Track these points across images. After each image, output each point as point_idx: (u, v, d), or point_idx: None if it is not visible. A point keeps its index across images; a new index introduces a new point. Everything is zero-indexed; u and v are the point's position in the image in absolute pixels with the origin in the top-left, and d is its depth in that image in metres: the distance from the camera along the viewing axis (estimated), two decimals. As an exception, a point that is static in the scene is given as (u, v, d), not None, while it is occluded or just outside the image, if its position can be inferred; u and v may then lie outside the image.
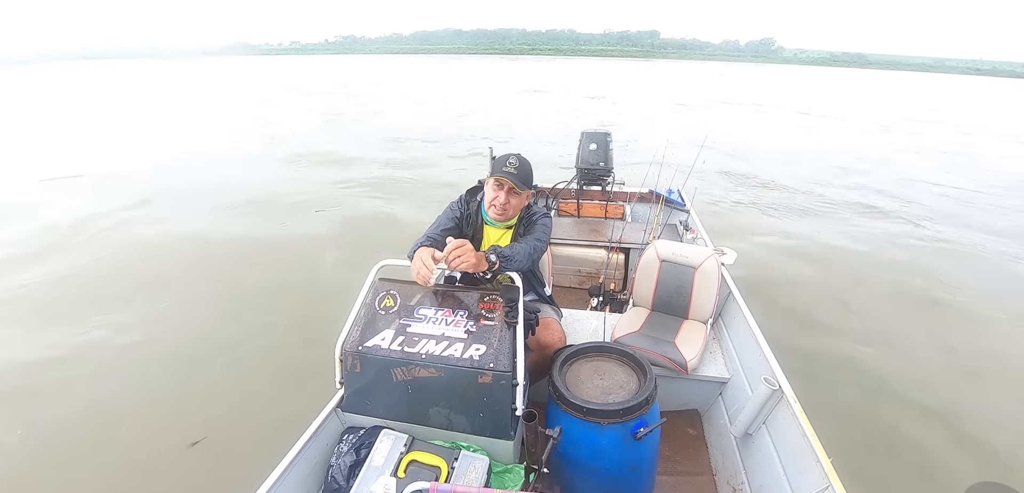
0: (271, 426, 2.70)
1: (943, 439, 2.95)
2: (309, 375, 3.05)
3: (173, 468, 2.66)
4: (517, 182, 1.94)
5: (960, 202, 7.91)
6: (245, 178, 8.52)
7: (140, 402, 3.13)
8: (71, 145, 11.97)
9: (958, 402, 3.23)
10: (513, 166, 1.94)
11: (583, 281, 3.70)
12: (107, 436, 2.86)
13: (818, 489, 1.53)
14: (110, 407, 3.08)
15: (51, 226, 6.15)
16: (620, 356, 1.91)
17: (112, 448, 2.79)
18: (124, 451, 2.77)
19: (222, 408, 3.06)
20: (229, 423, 2.94)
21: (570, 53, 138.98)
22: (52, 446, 2.82)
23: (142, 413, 3.03)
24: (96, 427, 2.93)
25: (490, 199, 2.01)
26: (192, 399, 3.14)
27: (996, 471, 2.71)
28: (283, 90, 27.65)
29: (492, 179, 2.00)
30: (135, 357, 3.58)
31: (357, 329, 1.75)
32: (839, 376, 3.47)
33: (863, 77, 64.59)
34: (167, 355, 3.60)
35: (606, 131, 4.32)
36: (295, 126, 14.60)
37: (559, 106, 19.92)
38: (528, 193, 2.04)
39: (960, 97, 35.31)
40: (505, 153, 2.02)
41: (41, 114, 18.96)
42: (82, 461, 2.71)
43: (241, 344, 3.68)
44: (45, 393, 3.24)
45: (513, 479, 1.61)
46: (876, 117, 19.68)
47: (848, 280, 5.01)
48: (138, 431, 2.89)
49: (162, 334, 3.85)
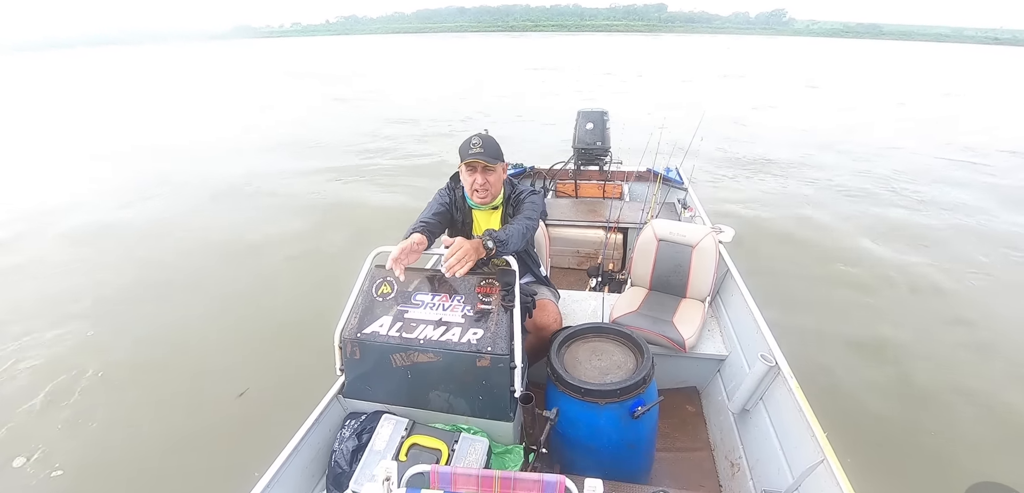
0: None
1: (944, 415, 2.98)
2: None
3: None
4: (487, 158, 1.91)
5: (971, 185, 7.59)
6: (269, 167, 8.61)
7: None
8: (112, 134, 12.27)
9: (961, 381, 3.25)
10: (478, 146, 1.92)
11: (581, 262, 3.70)
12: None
13: (813, 462, 1.56)
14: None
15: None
16: (617, 336, 1.93)
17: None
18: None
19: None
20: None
21: (574, 29, 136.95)
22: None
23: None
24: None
25: (469, 186, 2.00)
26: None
27: (993, 451, 2.74)
28: (300, 75, 27.48)
29: (463, 166, 1.98)
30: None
31: (355, 316, 1.76)
32: (835, 351, 3.50)
33: (877, 48, 62.95)
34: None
35: (603, 110, 4.28)
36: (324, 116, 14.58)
37: (557, 86, 19.72)
38: (503, 165, 2.02)
39: (977, 68, 34.16)
40: (467, 137, 1.97)
41: (65, 99, 19.29)
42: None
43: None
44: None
45: (513, 459, 1.64)
46: (887, 91, 19.25)
47: (845, 257, 5.02)
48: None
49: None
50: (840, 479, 1.41)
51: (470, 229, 2.10)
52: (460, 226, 2.11)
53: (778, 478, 1.72)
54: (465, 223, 2.10)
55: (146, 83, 25.66)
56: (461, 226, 2.11)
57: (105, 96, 20.63)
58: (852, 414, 2.91)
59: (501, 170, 2.02)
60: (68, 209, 6.66)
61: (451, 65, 30.77)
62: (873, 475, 2.48)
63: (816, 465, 1.54)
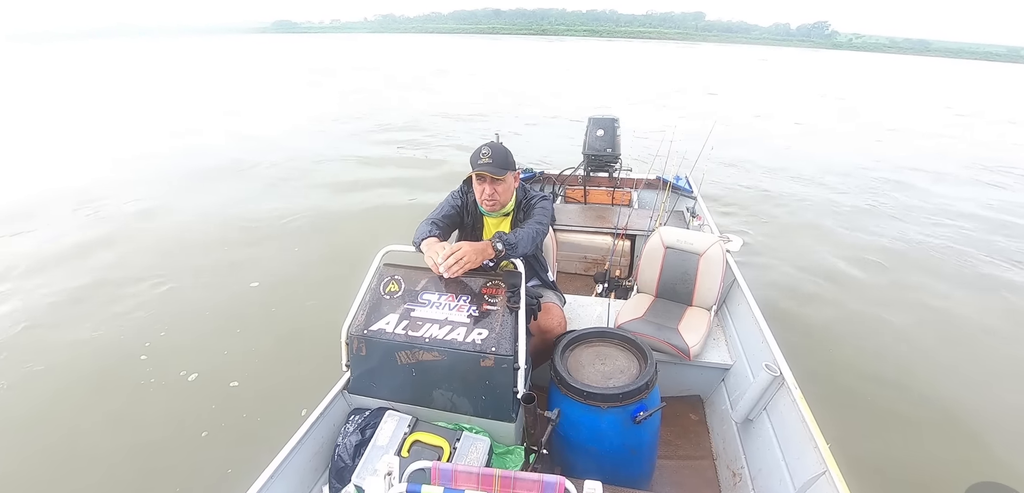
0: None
1: (941, 428, 2.95)
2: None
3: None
4: (495, 170, 1.92)
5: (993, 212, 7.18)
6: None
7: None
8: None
9: (961, 396, 3.21)
10: (487, 156, 1.93)
11: (589, 267, 3.71)
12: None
13: (816, 474, 1.55)
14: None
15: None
16: (621, 341, 1.93)
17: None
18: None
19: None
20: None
21: (608, 35, 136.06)
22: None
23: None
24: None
25: (479, 195, 2.02)
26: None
27: (994, 464, 2.70)
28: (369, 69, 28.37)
29: (474, 176, 2.00)
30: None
31: (362, 313, 1.78)
32: (841, 362, 3.47)
33: (923, 65, 60.98)
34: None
35: (614, 117, 4.28)
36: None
37: (575, 91, 19.76)
38: (513, 174, 2.03)
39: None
40: (478, 146, 1.98)
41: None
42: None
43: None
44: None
45: (514, 460, 1.65)
46: (927, 109, 18.65)
47: (848, 271, 4.96)
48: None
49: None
50: (842, 491, 1.41)
51: (480, 233, 2.12)
52: (470, 230, 2.13)
53: (779, 489, 1.71)
54: (475, 227, 2.12)
55: (211, 73, 26.98)
56: (471, 230, 2.13)
57: (179, 84, 21.65)
58: (856, 426, 2.88)
59: (511, 179, 2.03)
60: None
61: (489, 66, 31.19)
62: (875, 489, 2.45)
63: (818, 477, 1.53)
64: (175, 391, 3.13)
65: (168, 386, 3.17)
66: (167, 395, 3.10)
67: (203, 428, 2.84)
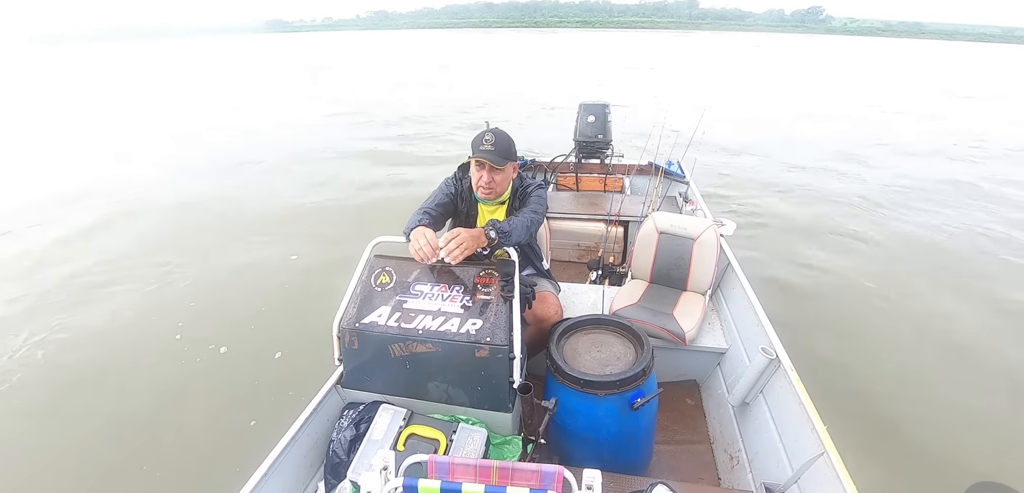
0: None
1: (938, 415, 2.97)
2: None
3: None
4: (496, 159, 1.89)
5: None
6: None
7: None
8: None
9: (956, 379, 3.23)
10: (490, 143, 1.89)
11: (582, 255, 3.69)
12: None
13: (813, 455, 1.55)
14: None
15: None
16: (617, 328, 1.92)
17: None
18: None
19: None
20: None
21: (601, 26, 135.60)
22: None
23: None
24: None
25: (475, 181, 1.98)
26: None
27: (989, 448, 2.72)
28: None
29: (473, 161, 1.96)
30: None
31: (354, 306, 1.75)
32: (838, 348, 3.49)
33: (918, 48, 61.07)
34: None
35: (604, 102, 4.25)
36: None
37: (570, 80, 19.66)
38: (513, 165, 2.00)
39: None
40: (481, 132, 1.94)
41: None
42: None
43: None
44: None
45: (511, 450, 1.63)
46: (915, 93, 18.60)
47: (844, 258, 4.99)
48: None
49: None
50: (840, 472, 1.40)
51: (474, 221, 2.08)
52: (464, 217, 2.10)
53: (777, 471, 1.71)
54: (469, 215, 2.09)
55: (208, 76, 26.88)
56: (465, 217, 2.09)
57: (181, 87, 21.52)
58: (852, 407, 2.90)
59: (511, 169, 2.00)
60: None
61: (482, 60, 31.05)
62: (873, 468, 2.47)
63: (816, 458, 1.53)
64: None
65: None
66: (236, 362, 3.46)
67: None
